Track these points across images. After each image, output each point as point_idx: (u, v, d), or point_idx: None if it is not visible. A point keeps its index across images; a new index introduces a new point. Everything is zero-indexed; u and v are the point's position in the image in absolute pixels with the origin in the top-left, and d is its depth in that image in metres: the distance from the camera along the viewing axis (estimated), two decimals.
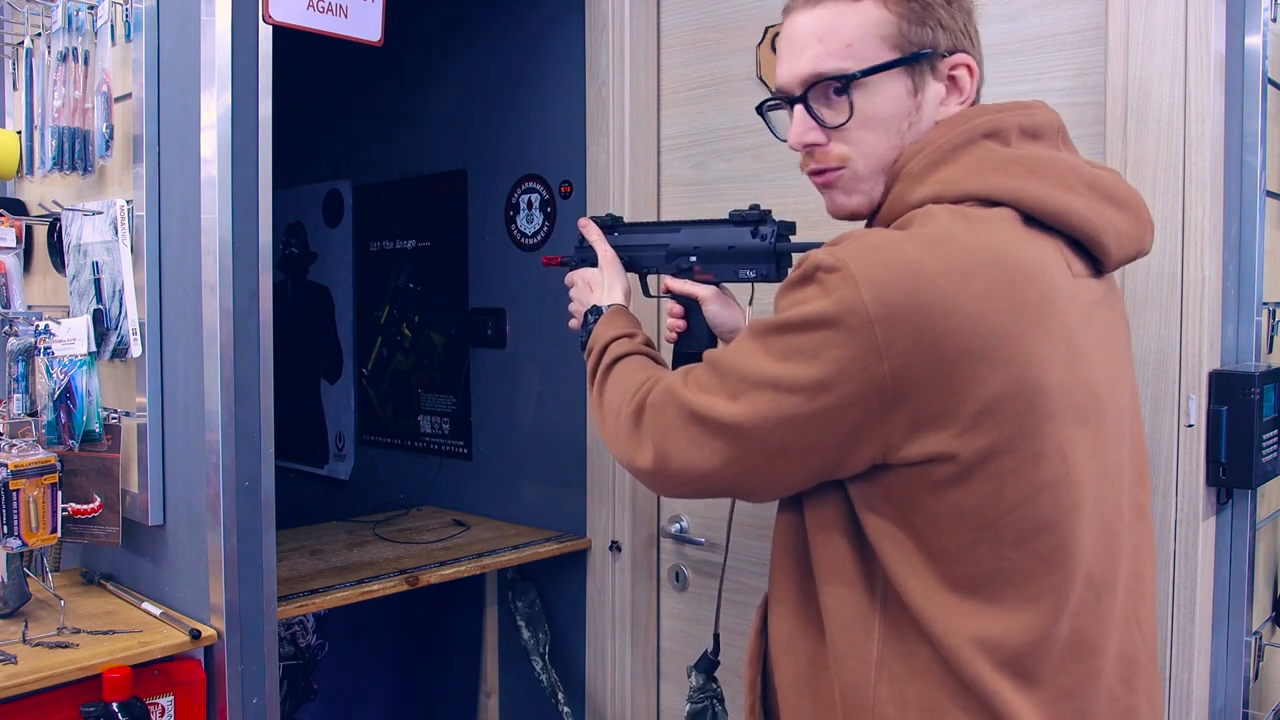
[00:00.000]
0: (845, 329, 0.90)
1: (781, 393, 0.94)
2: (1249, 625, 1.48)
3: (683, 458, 1.03)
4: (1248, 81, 1.40)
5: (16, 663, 1.35)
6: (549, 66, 2.24)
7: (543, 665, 2.26)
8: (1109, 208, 1.02)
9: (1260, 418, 1.35)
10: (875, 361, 0.89)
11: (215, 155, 1.46)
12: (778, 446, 0.97)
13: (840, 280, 0.90)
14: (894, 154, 1.03)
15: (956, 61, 1.02)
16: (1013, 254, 0.92)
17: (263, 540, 1.53)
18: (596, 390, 1.25)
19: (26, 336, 1.61)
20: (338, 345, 2.93)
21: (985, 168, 0.98)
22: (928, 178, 0.99)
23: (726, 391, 0.99)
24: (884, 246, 0.91)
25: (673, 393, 1.05)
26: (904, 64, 1.00)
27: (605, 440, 1.18)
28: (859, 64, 1.00)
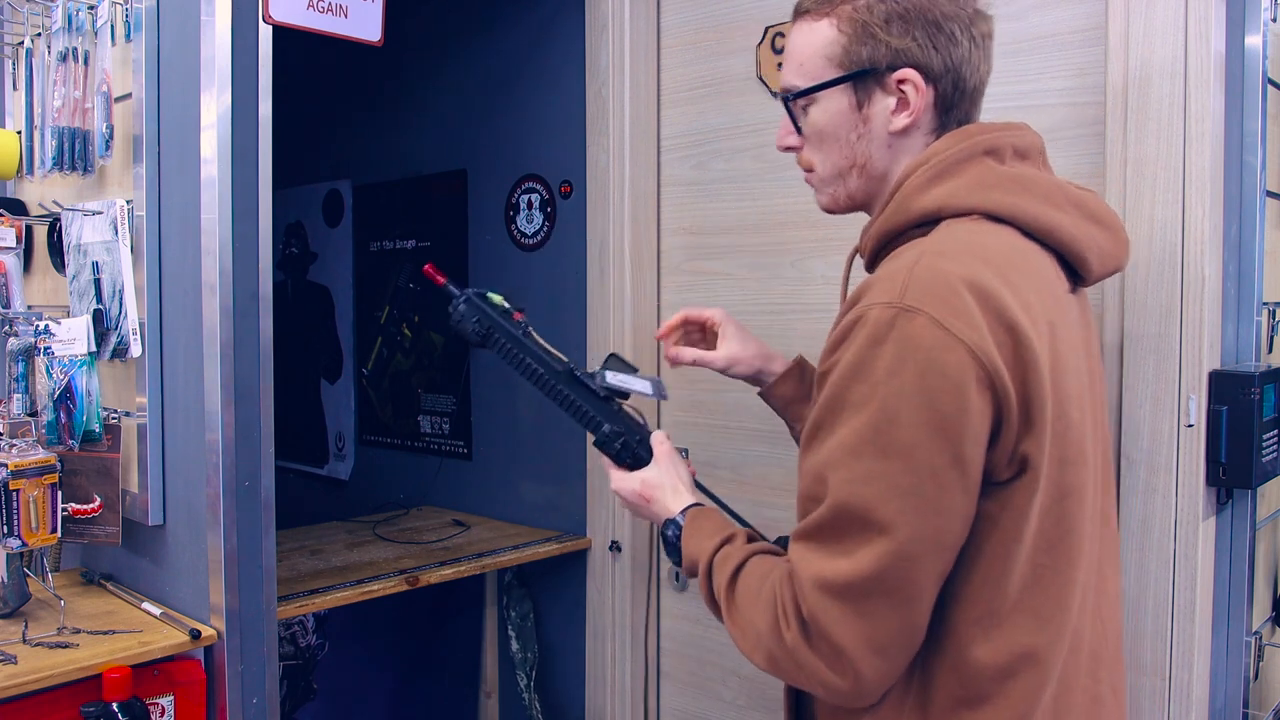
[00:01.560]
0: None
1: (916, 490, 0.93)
2: (1249, 625, 1.48)
3: (886, 636, 0.94)
4: (1248, 81, 1.40)
5: (16, 663, 1.35)
6: (549, 66, 2.24)
7: (527, 685, 2.27)
8: (1092, 226, 1.07)
9: (1260, 418, 1.35)
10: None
11: (215, 155, 1.46)
12: (957, 523, 0.94)
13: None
14: (847, 163, 1.11)
15: (902, 76, 1.05)
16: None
17: (263, 540, 1.53)
18: (729, 618, 1.07)
19: (26, 336, 1.61)
20: (338, 345, 2.93)
21: (987, 184, 1.03)
22: (932, 189, 1.03)
23: (876, 531, 0.92)
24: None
25: (824, 585, 0.94)
26: (844, 81, 1.07)
27: (773, 672, 1.03)
28: (808, 81, 1.09)
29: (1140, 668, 1.40)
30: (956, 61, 1.06)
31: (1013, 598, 0.96)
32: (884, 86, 1.07)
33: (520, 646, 2.28)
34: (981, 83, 1.09)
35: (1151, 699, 1.40)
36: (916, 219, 1.04)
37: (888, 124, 1.08)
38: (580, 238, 2.16)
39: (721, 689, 2.01)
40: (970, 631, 0.96)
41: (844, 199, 1.14)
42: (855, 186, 1.12)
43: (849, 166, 1.11)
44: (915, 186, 1.04)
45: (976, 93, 1.09)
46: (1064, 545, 0.98)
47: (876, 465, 0.91)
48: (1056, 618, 0.98)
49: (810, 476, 0.98)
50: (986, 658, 0.96)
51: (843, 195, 1.14)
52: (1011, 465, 0.94)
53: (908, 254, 0.99)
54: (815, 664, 0.96)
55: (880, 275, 0.97)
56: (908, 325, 0.91)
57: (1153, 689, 1.39)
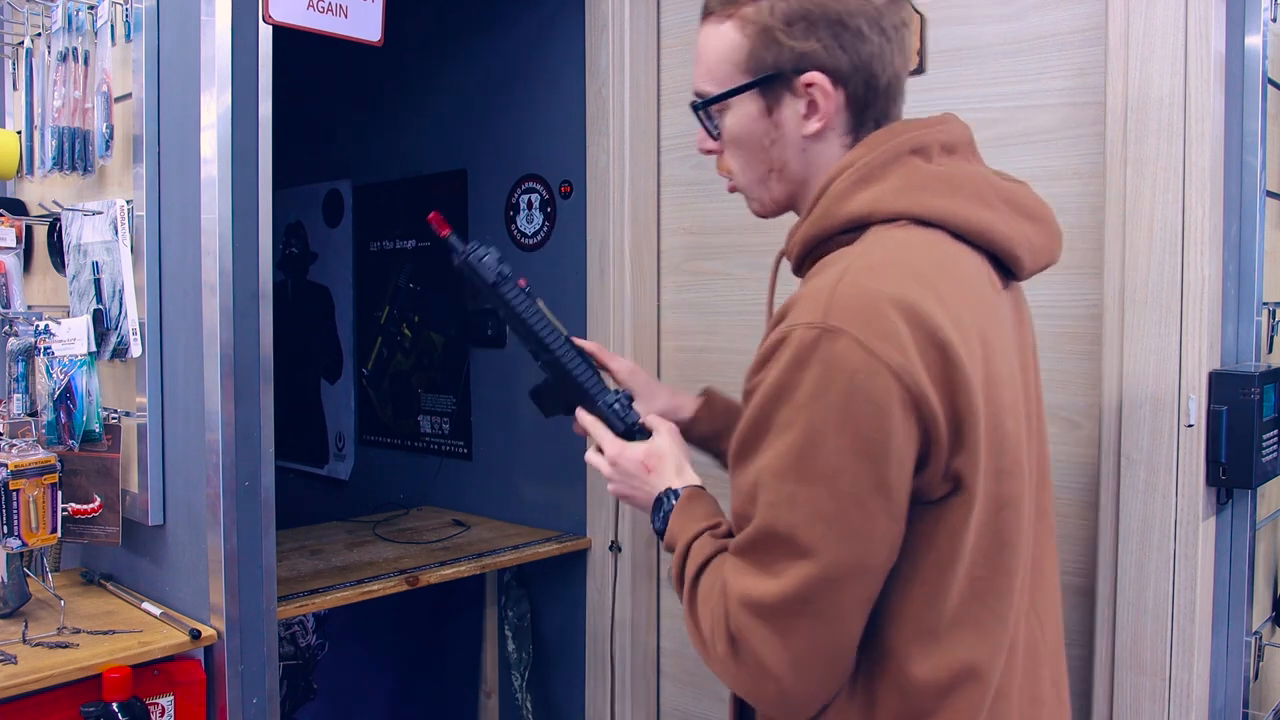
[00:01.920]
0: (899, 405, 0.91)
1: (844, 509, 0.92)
2: (1249, 625, 1.48)
3: (810, 654, 0.94)
4: (1248, 81, 1.40)
5: (16, 663, 1.35)
6: (549, 66, 2.24)
7: (520, 685, 2.27)
8: (1023, 221, 1.04)
9: (1260, 418, 1.35)
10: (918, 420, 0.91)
11: (215, 155, 1.46)
12: (882, 549, 0.93)
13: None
14: (765, 168, 1.07)
15: (808, 80, 1.01)
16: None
17: (263, 540, 1.53)
18: (688, 608, 1.06)
19: (26, 336, 1.61)
20: (338, 345, 2.93)
21: (915, 186, 1.00)
22: (858, 194, 1.00)
23: (797, 553, 0.92)
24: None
25: (748, 604, 0.94)
26: (750, 88, 1.04)
27: (714, 673, 1.03)
28: (717, 87, 1.05)
29: (1140, 668, 1.40)
30: (866, 59, 1.01)
31: (951, 614, 0.95)
32: (792, 90, 1.03)
33: (516, 646, 2.28)
34: (897, 77, 1.04)
35: (1151, 699, 1.40)
36: (843, 224, 1.01)
37: (800, 128, 1.04)
38: (580, 238, 2.16)
39: (721, 689, 2.00)
40: (910, 650, 0.95)
41: (770, 203, 1.11)
42: (779, 191, 1.09)
43: (767, 171, 1.08)
44: (841, 191, 1.01)
45: (892, 88, 1.04)
46: (1001, 557, 0.97)
47: (800, 490, 0.90)
48: (995, 630, 0.97)
49: (741, 495, 0.97)
50: (928, 675, 0.95)
51: (769, 200, 1.11)
52: (945, 484, 0.93)
53: (833, 267, 0.95)
54: (743, 677, 0.96)
55: (804, 293, 0.94)
56: (831, 347, 0.88)
57: (1153, 689, 1.39)
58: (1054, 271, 1.52)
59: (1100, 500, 1.45)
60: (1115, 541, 1.43)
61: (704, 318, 2.00)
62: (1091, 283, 1.49)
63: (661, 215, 2.10)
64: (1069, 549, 1.52)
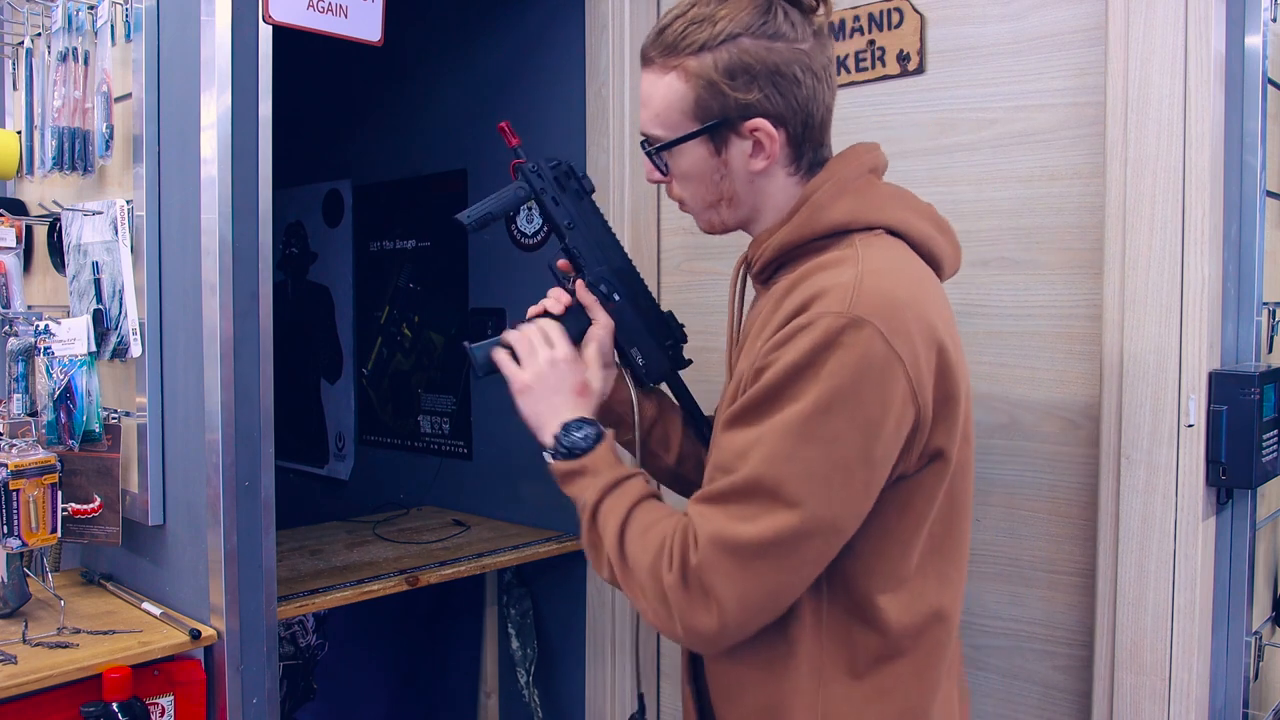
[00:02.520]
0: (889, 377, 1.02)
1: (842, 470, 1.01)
2: (1249, 625, 1.48)
3: (760, 597, 1.03)
4: (1248, 81, 1.40)
5: (16, 663, 1.35)
6: (549, 66, 2.24)
7: (526, 681, 2.27)
8: (941, 236, 1.18)
9: (1260, 418, 1.35)
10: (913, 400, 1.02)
11: (215, 155, 1.46)
12: (852, 516, 1.03)
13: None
14: (714, 197, 1.18)
15: (753, 125, 1.11)
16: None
17: (263, 540, 1.53)
18: (613, 549, 1.12)
19: (26, 336, 1.61)
20: (338, 345, 2.93)
21: (882, 199, 1.14)
22: (839, 203, 1.12)
23: (783, 504, 1.00)
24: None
25: (719, 541, 1.01)
26: (700, 134, 1.13)
27: (640, 608, 1.09)
28: (667, 132, 1.15)
29: (1140, 668, 1.40)
30: (803, 102, 1.12)
31: (917, 566, 1.09)
32: (738, 133, 1.13)
33: (520, 644, 2.28)
34: (828, 112, 1.16)
35: (1151, 699, 1.40)
36: (824, 231, 1.12)
37: (747, 165, 1.14)
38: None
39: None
40: (885, 599, 1.08)
41: (719, 225, 1.22)
42: (727, 215, 1.20)
43: (716, 200, 1.18)
44: (821, 202, 1.12)
45: (825, 122, 1.16)
46: (957, 514, 1.13)
47: (800, 449, 0.99)
48: (954, 577, 1.14)
49: (730, 451, 1.04)
50: (902, 618, 1.08)
51: (718, 222, 1.21)
52: (921, 460, 1.06)
53: (837, 268, 1.06)
54: (683, 605, 1.03)
55: (825, 286, 1.03)
56: (856, 334, 0.99)
57: (1153, 689, 1.39)
58: (1054, 271, 1.53)
59: (1100, 500, 1.45)
60: (1115, 541, 1.43)
61: (704, 318, 2.00)
62: (1091, 283, 1.49)
63: (661, 215, 2.10)
64: (1069, 549, 1.53)
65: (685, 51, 1.11)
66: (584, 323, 1.31)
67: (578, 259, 1.33)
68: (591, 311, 1.32)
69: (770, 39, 1.09)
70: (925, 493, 1.08)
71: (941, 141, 1.62)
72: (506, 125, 1.37)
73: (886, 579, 1.08)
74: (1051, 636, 1.56)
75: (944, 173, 1.62)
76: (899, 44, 1.67)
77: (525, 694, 2.27)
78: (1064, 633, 1.54)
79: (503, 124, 1.37)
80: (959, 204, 1.59)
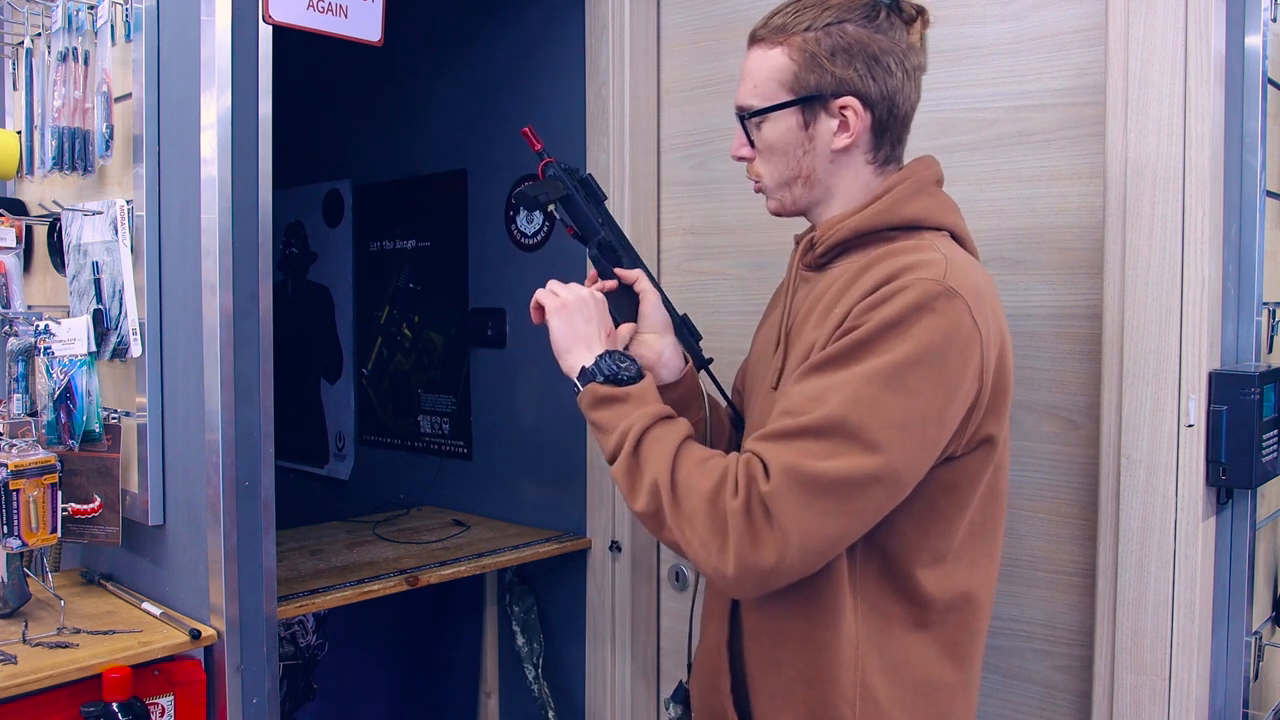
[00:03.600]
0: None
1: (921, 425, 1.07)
2: (1249, 625, 1.48)
3: (822, 537, 1.05)
4: (1248, 81, 1.40)
5: (16, 663, 1.35)
6: (549, 66, 2.24)
7: (535, 676, 2.27)
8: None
9: (1260, 418, 1.35)
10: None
11: (215, 155, 1.46)
12: (917, 471, 1.09)
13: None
14: (792, 174, 1.24)
15: (844, 103, 1.20)
16: None
17: (263, 540, 1.53)
18: (663, 475, 1.12)
19: (26, 336, 1.61)
20: (338, 345, 2.93)
21: (947, 207, 1.24)
22: (915, 201, 1.21)
23: (862, 446, 1.04)
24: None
25: (794, 473, 1.04)
26: (794, 104, 1.21)
27: (682, 540, 1.10)
28: (762, 102, 1.22)
29: (1140, 668, 1.40)
30: (891, 91, 1.20)
31: (955, 549, 1.17)
32: (828, 110, 1.20)
33: (526, 640, 2.28)
34: (912, 109, 1.23)
35: (1151, 699, 1.40)
36: (901, 222, 1.20)
37: (830, 143, 1.21)
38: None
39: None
40: (924, 573, 1.15)
41: (789, 205, 1.27)
42: (799, 194, 1.26)
43: (794, 178, 1.24)
44: (903, 195, 1.21)
45: (907, 119, 1.24)
46: (994, 505, 1.21)
47: (884, 396, 1.04)
48: (986, 566, 1.21)
49: (802, 396, 1.08)
50: (935, 593, 1.16)
51: (789, 201, 1.27)
52: (970, 443, 1.13)
53: (921, 253, 1.12)
54: (743, 533, 1.05)
55: (913, 262, 1.10)
56: (949, 302, 1.06)
57: (1153, 689, 1.40)
58: (1054, 271, 1.53)
59: (1100, 500, 1.45)
60: (1115, 541, 1.43)
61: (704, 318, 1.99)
62: (1091, 283, 1.49)
63: (661, 215, 2.10)
64: (1069, 549, 1.53)
65: (793, 30, 1.19)
66: (633, 300, 1.38)
67: (615, 252, 1.39)
68: (639, 285, 1.39)
69: (873, 29, 1.18)
70: (971, 476, 1.15)
71: (941, 141, 1.62)
72: (530, 130, 1.43)
73: (928, 555, 1.15)
74: (1051, 636, 1.56)
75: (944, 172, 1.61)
76: None
77: (535, 688, 2.26)
78: (1064, 633, 1.54)
79: (526, 129, 1.43)
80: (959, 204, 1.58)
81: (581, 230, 1.39)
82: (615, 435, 1.19)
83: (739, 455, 1.10)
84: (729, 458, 1.11)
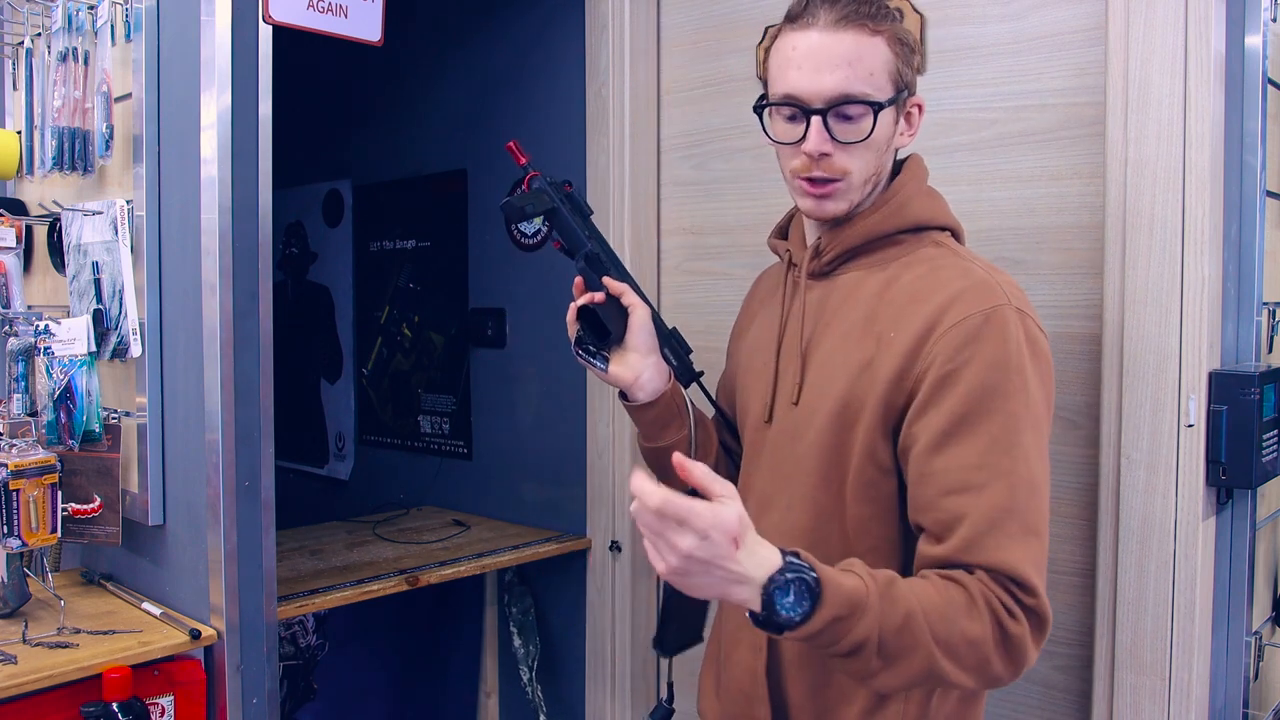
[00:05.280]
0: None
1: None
2: (1249, 625, 1.48)
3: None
4: (1248, 81, 1.40)
5: (16, 663, 1.35)
6: (549, 66, 2.24)
7: (529, 679, 2.27)
8: None
9: (1260, 418, 1.35)
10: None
11: (215, 155, 1.46)
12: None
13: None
14: (875, 171, 1.18)
15: (916, 101, 1.20)
16: None
17: (263, 540, 1.53)
18: (941, 650, 0.99)
19: (26, 336, 1.61)
20: (338, 345, 2.93)
21: (944, 206, 1.24)
22: (918, 202, 1.20)
23: (1043, 495, 1.07)
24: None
25: (1039, 563, 1.04)
26: (899, 99, 1.17)
27: (972, 684, 1.03)
28: (880, 93, 1.14)
29: (1140, 668, 1.40)
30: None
31: None
32: (904, 107, 1.19)
33: (522, 641, 2.28)
34: None
35: (1151, 699, 1.40)
36: (909, 225, 1.19)
37: (896, 141, 1.19)
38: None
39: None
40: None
41: (854, 205, 1.20)
42: (867, 194, 1.20)
43: (873, 174, 1.18)
44: (909, 196, 1.19)
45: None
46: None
47: (1030, 438, 1.05)
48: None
49: (965, 469, 1.04)
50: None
51: (856, 200, 1.19)
52: None
53: (953, 263, 1.14)
54: (1033, 649, 1.03)
55: (970, 285, 1.10)
56: (1025, 322, 1.08)
57: (1153, 689, 1.39)
58: (1054, 271, 1.53)
59: (1100, 500, 1.45)
60: (1115, 541, 1.43)
61: (704, 318, 2.00)
62: (1091, 283, 1.49)
63: (661, 215, 2.10)
64: (1069, 549, 1.52)
65: (884, 19, 1.14)
66: (621, 312, 1.35)
67: (603, 264, 1.36)
68: (626, 298, 1.35)
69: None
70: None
71: (941, 141, 1.62)
72: (515, 144, 1.39)
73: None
74: (1052, 636, 1.54)
75: (944, 173, 1.61)
76: None
77: (528, 690, 2.26)
78: (1064, 633, 1.54)
79: (510, 143, 1.39)
80: (959, 204, 1.57)
81: (569, 243, 1.38)
82: (840, 650, 0.98)
83: (966, 576, 1.01)
84: (951, 592, 1.00)
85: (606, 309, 1.34)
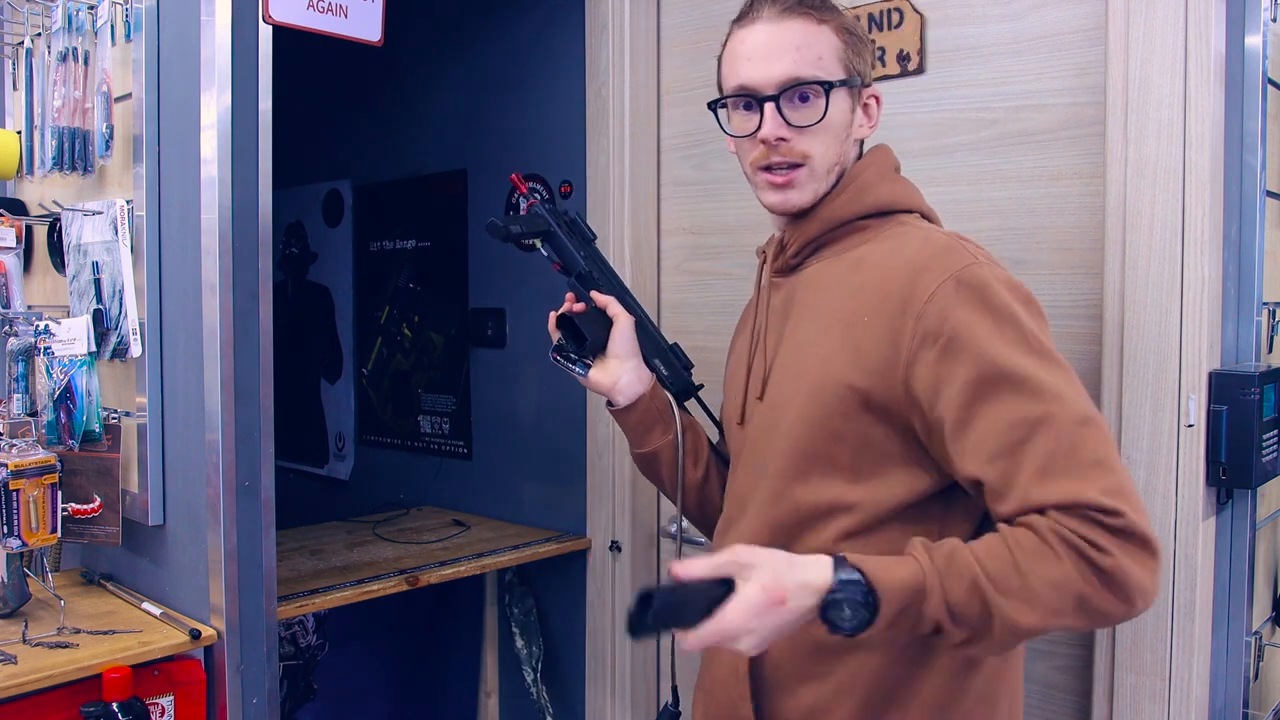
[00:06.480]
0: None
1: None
2: (1249, 625, 1.48)
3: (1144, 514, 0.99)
4: (1248, 81, 1.40)
5: (16, 663, 1.35)
6: (549, 66, 2.24)
7: (534, 679, 2.27)
8: None
9: (1260, 418, 1.35)
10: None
11: (215, 155, 1.46)
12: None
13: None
14: (837, 157, 1.19)
15: (872, 92, 1.22)
16: None
17: (263, 540, 1.53)
18: (1013, 606, 0.95)
19: (26, 336, 1.61)
20: (338, 345, 2.93)
21: (913, 189, 1.24)
22: (883, 186, 1.20)
23: (1091, 434, 1.01)
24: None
25: (1119, 493, 0.97)
26: (852, 84, 1.18)
27: (1077, 626, 1.01)
28: (830, 75, 1.16)
29: (1140, 668, 1.40)
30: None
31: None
32: (860, 97, 1.20)
33: (525, 642, 2.28)
34: None
35: (1151, 699, 1.40)
36: (871, 209, 1.18)
37: (855, 131, 1.20)
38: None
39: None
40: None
41: (819, 195, 1.19)
42: (829, 184, 1.19)
43: (835, 163, 1.19)
44: (869, 182, 1.19)
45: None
46: None
47: (1052, 377, 1.02)
48: None
49: (1000, 432, 1.00)
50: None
51: (821, 190, 1.19)
52: None
53: (910, 239, 1.13)
54: (1139, 571, 0.95)
55: (933, 253, 1.08)
56: (996, 271, 1.07)
57: (1153, 689, 1.39)
58: (1054, 271, 1.53)
59: None
60: None
61: (704, 318, 2.00)
62: (1091, 283, 1.49)
63: (661, 215, 2.10)
64: None
65: (829, 10, 1.17)
66: (605, 322, 1.40)
67: (595, 282, 1.42)
68: (611, 309, 1.39)
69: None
70: None
71: (941, 141, 1.62)
72: (517, 176, 1.50)
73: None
74: (1051, 636, 1.56)
75: (944, 173, 1.62)
76: (899, 44, 1.67)
77: (533, 692, 2.26)
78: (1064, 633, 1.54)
79: (513, 175, 1.52)
80: (959, 204, 1.59)
81: (565, 265, 1.44)
82: (949, 634, 0.98)
83: (1040, 522, 0.97)
84: (1029, 535, 0.97)
85: (586, 318, 1.40)
